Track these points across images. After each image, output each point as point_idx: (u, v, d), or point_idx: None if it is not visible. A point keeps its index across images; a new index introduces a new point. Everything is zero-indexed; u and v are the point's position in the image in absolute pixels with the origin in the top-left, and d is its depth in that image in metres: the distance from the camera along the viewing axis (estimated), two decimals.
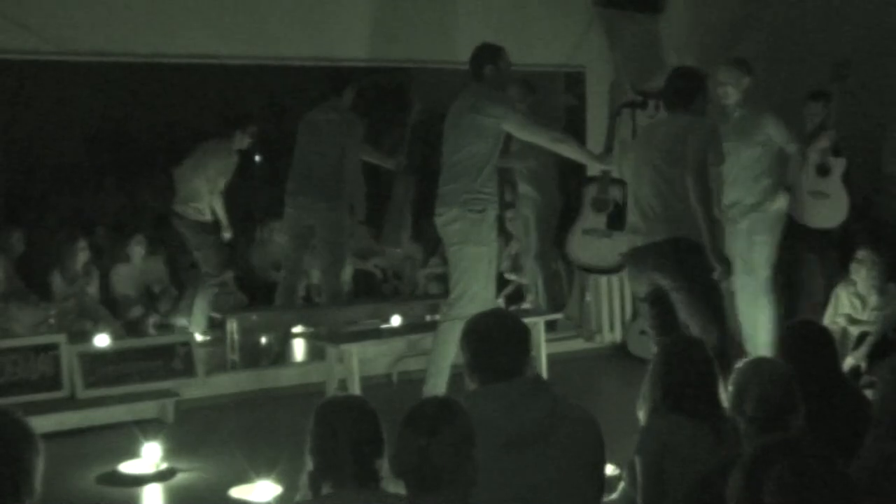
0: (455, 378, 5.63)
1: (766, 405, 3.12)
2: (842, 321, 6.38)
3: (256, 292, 8.31)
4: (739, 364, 3.38)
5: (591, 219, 6.21)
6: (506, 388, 3.00)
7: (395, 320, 6.74)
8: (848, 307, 6.42)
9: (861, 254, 6.34)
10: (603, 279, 7.54)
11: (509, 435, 2.92)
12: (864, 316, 6.39)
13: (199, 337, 6.97)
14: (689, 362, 3.49)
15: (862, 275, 6.33)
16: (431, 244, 8.61)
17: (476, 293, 5.56)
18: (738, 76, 6.07)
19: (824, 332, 4.05)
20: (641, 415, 3.55)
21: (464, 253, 5.57)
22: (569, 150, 5.77)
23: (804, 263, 6.74)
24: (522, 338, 3.14)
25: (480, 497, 2.72)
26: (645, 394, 3.56)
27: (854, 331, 6.37)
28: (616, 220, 6.13)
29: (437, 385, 5.58)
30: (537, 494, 2.92)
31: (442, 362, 5.62)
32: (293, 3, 6.41)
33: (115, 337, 6.46)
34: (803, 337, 3.88)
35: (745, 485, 2.73)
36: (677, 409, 3.41)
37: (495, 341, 3.07)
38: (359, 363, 5.95)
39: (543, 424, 2.97)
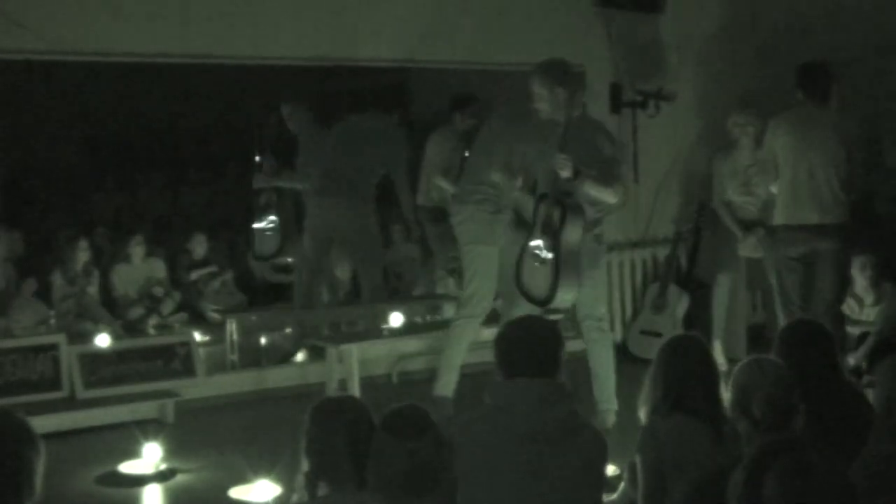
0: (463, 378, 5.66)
1: (772, 406, 3.11)
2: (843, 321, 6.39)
3: (256, 292, 8.32)
4: (739, 365, 3.38)
5: (537, 239, 5.27)
6: (530, 385, 3.05)
7: (395, 320, 6.72)
8: (845, 308, 6.42)
9: (859, 261, 6.35)
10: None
11: (526, 430, 2.95)
12: (862, 316, 6.39)
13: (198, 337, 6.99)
14: (690, 361, 3.49)
15: (861, 277, 6.35)
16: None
17: (486, 293, 5.59)
18: (551, 86, 5.24)
19: (824, 331, 4.04)
20: (642, 414, 3.56)
21: (475, 252, 5.58)
22: None
23: None
24: (553, 347, 3.17)
25: (490, 488, 2.74)
26: (646, 393, 3.56)
27: (854, 331, 6.37)
28: (552, 242, 5.13)
29: (448, 383, 5.59)
30: (542, 492, 2.94)
31: (452, 360, 5.64)
32: (293, 4, 6.40)
33: (115, 337, 6.46)
34: (803, 336, 3.87)
35: (746, 484, 2.74)
36: (678, 409, 3.41)
37: (526, 349, 3.12)
38: (359, 363, 5.95)
39: (558, 429, 3.00)
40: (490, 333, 6.28)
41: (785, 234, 6.08)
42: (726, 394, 3.41)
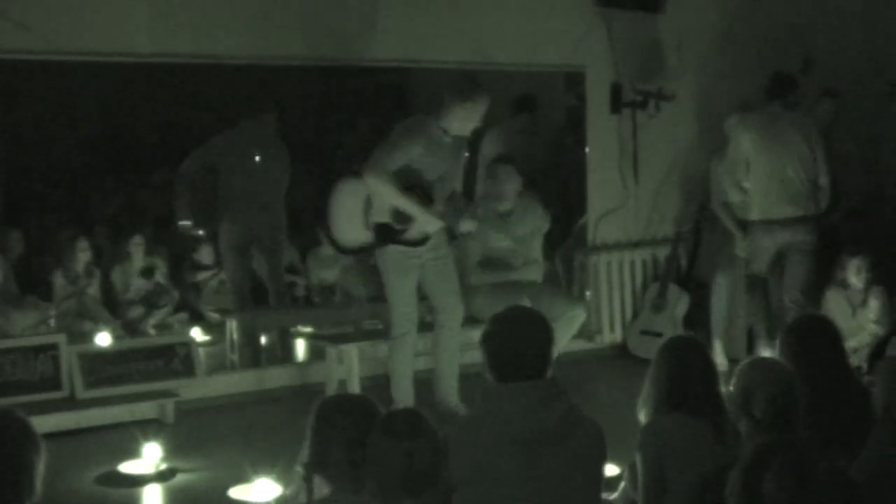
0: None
1: (774, 406, 3.11)
2: (838, 322, 6.34)
3: (255, 292, 8.29)
4: (740, 365, 3.37)
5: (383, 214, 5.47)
6: (524, 389, 2.99)
7: None
8: (838, 310, 6.39)
9: (854, 263, 6.33)
10: (603, 279, 7.54)
11: (522, 435, 2.92)
12: (856, 317, 6.36)
13: (198, 337, 6.99)
14: (690, 361, 3.49)
15: (857, 279, 6.33)
16: None
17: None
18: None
19: (831, 326, 4.03)
20: (642, 416, 3.55)
21: None
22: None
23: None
24: (545, 338, 3.13)
25: (487, 493, 2.73)
26: (645, 394, 3.55)
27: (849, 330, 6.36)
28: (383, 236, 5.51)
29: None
30: (540, 495, 2.92)
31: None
32: (292, 3, 6.40)
33: (115, 337, 6.46)
34: (810, 332, 3.86)
35: (744, 483, 2.74)
36: (679, 409, 3.40)
37: (517, 349, 3.06)
38: (359, 363, 5.95)
39: (556, 429, 2.97)
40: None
41: (762, 227, 6.41)
42: (726, 394, 3.42)
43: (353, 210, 5.52)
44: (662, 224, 7.78)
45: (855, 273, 6.34)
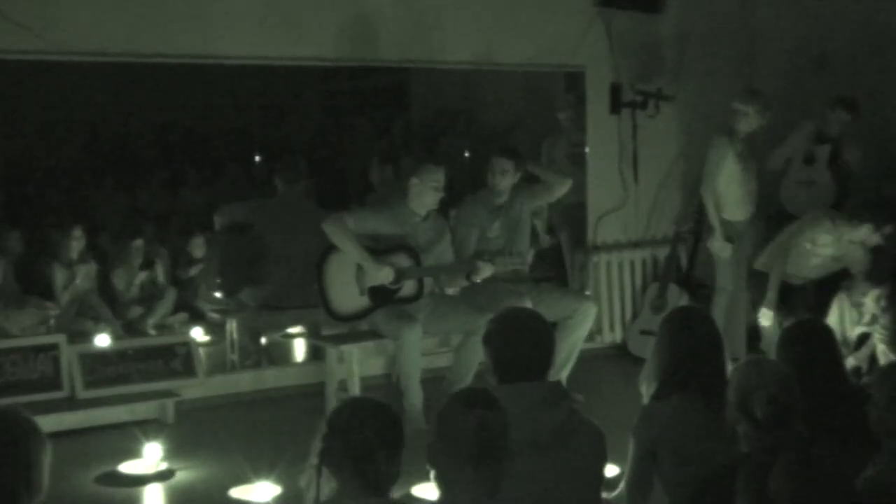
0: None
1: (773, 406, 3.09)
2: (845, 327, 6.31)
3: None
4: (737, 366, 3.37)
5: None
6: (526, 390, 2.99)
7: None
8: (846, 317, 6.34)
9: (874, 293, 6.22)
10: (603, 279, 7.54)
11: (522, 437, 2.91)
12: (861, 327, 6.33)
13: (198, 337, 6.99)
14: (696, 333, 3.48)
15: (876, 306, 6.25)
16: None
17: None
18: None
19: (827, 331, 4.03)
20: (644, 388, 3.53)
21: None
22: None
23: None
24: (547, 340, 3.12)
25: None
26: (649, 368, 3.53)
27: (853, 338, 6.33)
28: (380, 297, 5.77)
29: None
30: (541, 498, 2.92)
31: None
32: (292, 4, 6.40)
33: (115, 337, 6.46)
34: (807, 335, 3.86)
35: (751, 481, 2.74)
36: (681, 385, 3.38)
37: (519, 342, 3.06)
38: (359, 363, 5.95)
39: (558, 431, 2.96)
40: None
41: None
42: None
43: (346, 279, 5.72)
44: (662, 224, 7.78)
45: (875, 301, 6.25)
